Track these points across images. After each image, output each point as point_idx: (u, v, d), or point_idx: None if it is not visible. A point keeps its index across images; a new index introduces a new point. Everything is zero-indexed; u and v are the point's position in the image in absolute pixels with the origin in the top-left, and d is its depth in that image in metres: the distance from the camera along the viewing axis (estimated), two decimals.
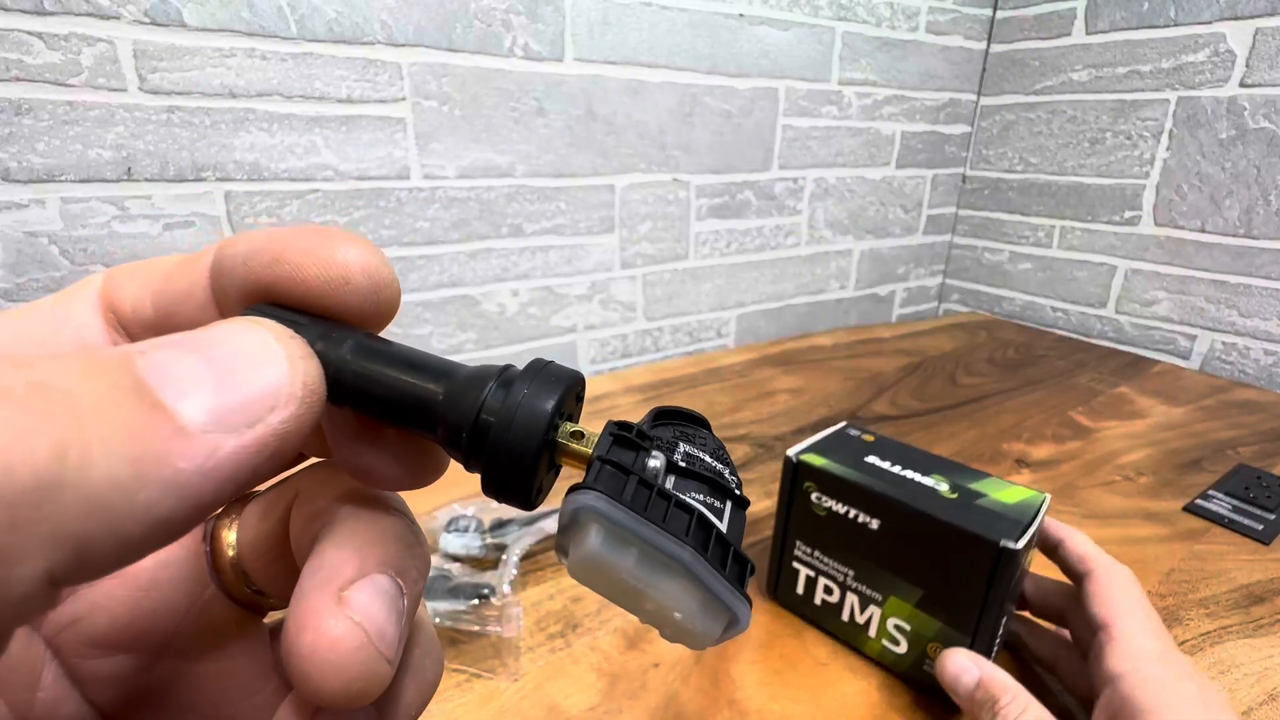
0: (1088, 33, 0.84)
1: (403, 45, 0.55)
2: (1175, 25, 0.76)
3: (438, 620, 0.33)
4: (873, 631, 0.32)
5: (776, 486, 0.39)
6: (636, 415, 0.61)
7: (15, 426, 0.06)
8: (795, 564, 0.35)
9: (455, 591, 0.34)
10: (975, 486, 0.30)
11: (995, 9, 0.94)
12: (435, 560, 0.37)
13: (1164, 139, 0.79)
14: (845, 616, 0.33)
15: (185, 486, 0.07)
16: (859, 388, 0.69)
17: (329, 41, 0.52)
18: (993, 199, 0.99)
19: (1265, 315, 0.74)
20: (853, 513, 0.31)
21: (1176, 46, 0.76)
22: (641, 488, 0.09)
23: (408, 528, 0.12)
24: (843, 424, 0.37)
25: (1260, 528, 0.44)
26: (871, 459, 0.33)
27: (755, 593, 0.38)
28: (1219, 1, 0.72)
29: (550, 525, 0.40)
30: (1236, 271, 0.76)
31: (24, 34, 0.43)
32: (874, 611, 0.32)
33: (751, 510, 0.45)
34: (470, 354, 0.67)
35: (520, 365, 0.12)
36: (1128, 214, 0.84)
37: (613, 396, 0.66)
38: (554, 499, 0.44)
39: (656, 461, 0.10)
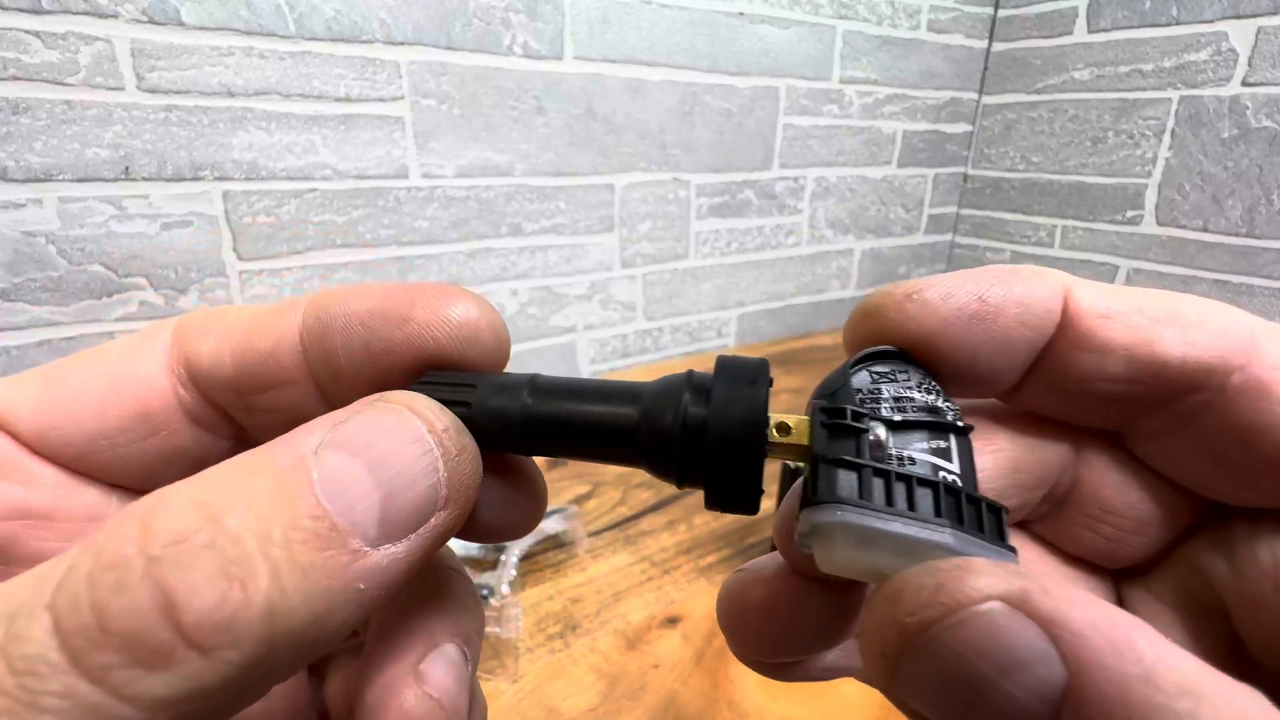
0: (1089, 31, 0.84)
1: (401, 44, 0.55)
2: (1177, 24, 0.76)
3: None
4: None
5: (775, 488, 0.39)
6: None
7: (231, 601, 0.07)
8: None
9: None
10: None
11: (997, 7, 0.94)
12: None
13: (1166, 138, 0.79)
14: None
15: (363, 598, 0.08)
16: None
17: (327, 40, 0.52)
18: (994, 198, 0.99)
19: (1268, 315, 0.74)
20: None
21: (1179, 45, 0.76)
22: (876, 478, 0.09)
23: (467, 587, 0.12)
24: None
25: None
26: None
27: None
28: (1221, 0, 0.72)
29: (550, 526, 0.40)
30: (1239, 271, 0.75)
31: (21, 32, 0.43)
32: None
33: None
34: None
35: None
36: (1130, 213, 0.84)
37: None
38: (554, 499, 0.43)
39: (881, 431, 0.09)
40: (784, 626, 0.11)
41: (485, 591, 0.34)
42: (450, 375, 0.11)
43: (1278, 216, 0.71)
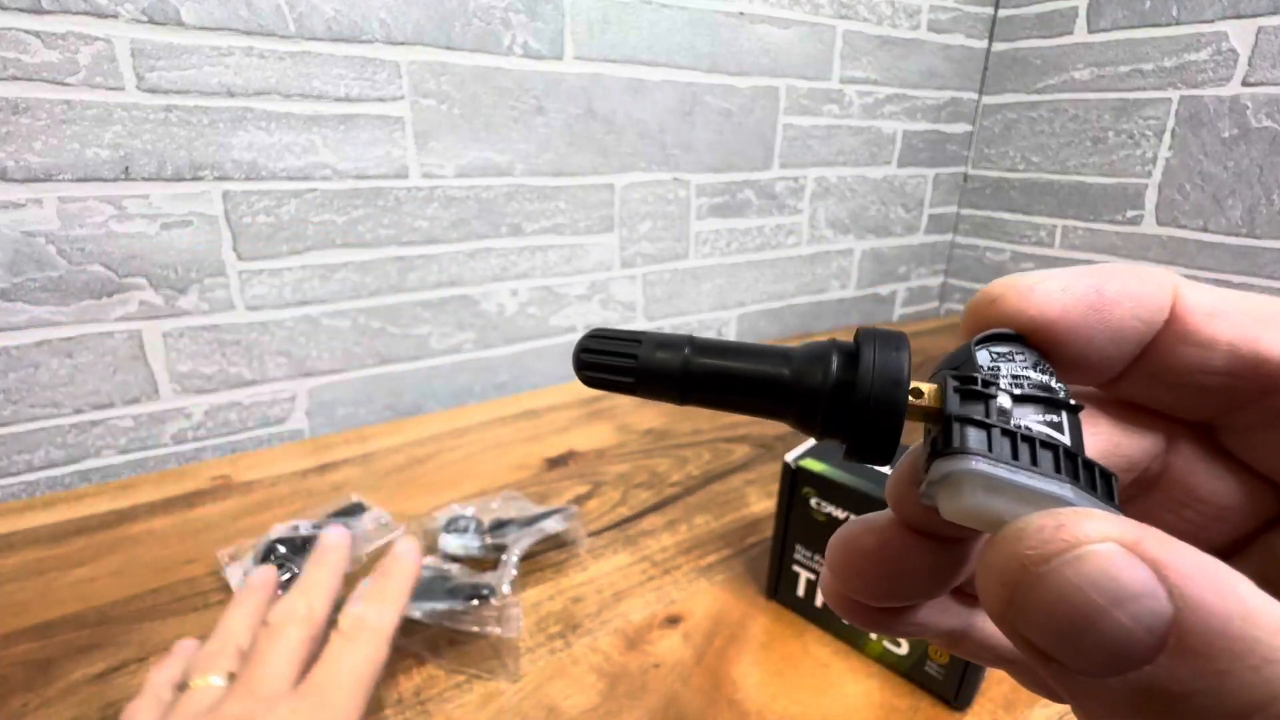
0: (1089, 31, 0.84)
1: (401, 44, 0.55)
2: (1177, 24, 0.76)
3: (435, 621, 0.33)
4: (873, 633, 0.32)
5: (776, 487, 0.39)
6: (636, 415, 0.61)
7: None
8: (795, 567, 0.35)
9: (454, 592, 0.34)
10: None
11: (997, 7, 0.94)
12: (433, 561, 0.37)
13: (1166, 138, 0.79)
14: None
15: None
16: None
17: (327, 40, 0.52)
18: (994, 198, 0.99)
19: None
20: (852, 518, 0.31)
21: (1179, 45, 0.76)
22: (1004, 437, 0.10)
23: None
24: None
25: None
26: None
27: (755, 595, 0.37)
28: (1221, 0, 0.72)
29: (550, 526, 0.40)
30: (1239, 271, 0.75)
31: (21, 32, 0.43)
32: None
33: (752, 511, 0.45)
34: (469, 354, 0.67)
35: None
36: (1130, 213, 0.84)
37: (613, 396, 0.65)
38: (554, 499, 0.43)
39: (1005, 402, 0.10)
40: (891, 573, 0.12)
41: (485, 591, 0.34)
42: (618, 331, 0.12)
43: (1278, 216, 0.71)
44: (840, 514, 0.31)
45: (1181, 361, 0.11)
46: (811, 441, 0.35)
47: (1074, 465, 0.10)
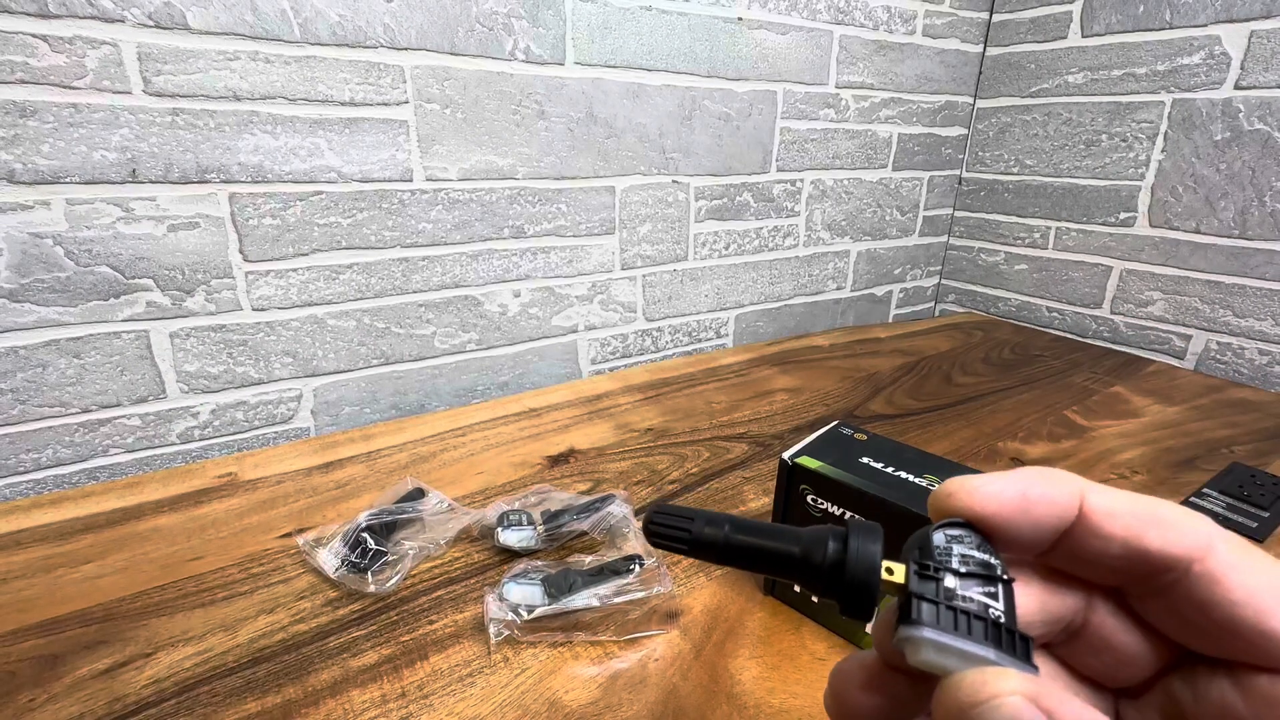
0: (1083, 36, 0.85)
1: (405, 49, 0.55)
2: (1170, 28, 0.77)
3: (605, 602, 0.35)
4: (869, 629, 0.33)
5: (773, 484, 0.40)
6: (636, 414, 0.62)
7: None
8: None
9: (606, 572, 0.36)
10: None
11: (991, 12, 0.95)
12: (490, 555, 0.40)
13: (1159, 141, 0.80)
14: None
15: None
16: (856, 387, 0.69)
17: (332, 45, 0.53)
18: (989, 200, 1.00)
19: (1259, 315, 0.75)
20: (848, 514, 0.32)
21: (1172, 49, 0.77)
22: (948, 611, 0.13)
23: None
24: (835, 423, 0.38)
25: (1254, 525, 0.45)
26: (865, 460, 0.33)
27: (753, 590, 0.38)
28: (1214, 4, 0.73)
29: (616, 511, 0.41)
30: (1231, 272, 0.76)
31: (29, 36, 0.43)
32: None
33: (751, 507, 0.46)
34: (472, 354, 0.68)
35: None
36: (1123, 215, 0.84)
37: (613, 396, 0.66)
38: (565, 491, 0.43)
39: (952, 582, 0.14)
40: (877, 697, 0.15)
41: (637, 563, 0.37)
42: (676, 508, 0.17)
43: (1269, 218, 0.72)
44: (835, 509, 0.32)
45: (1088, 548, 0.14)
46: (809, 439, 0.36)
47: (998, 633, 0.13)
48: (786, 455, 0.34)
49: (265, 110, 0.51)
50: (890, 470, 0.32)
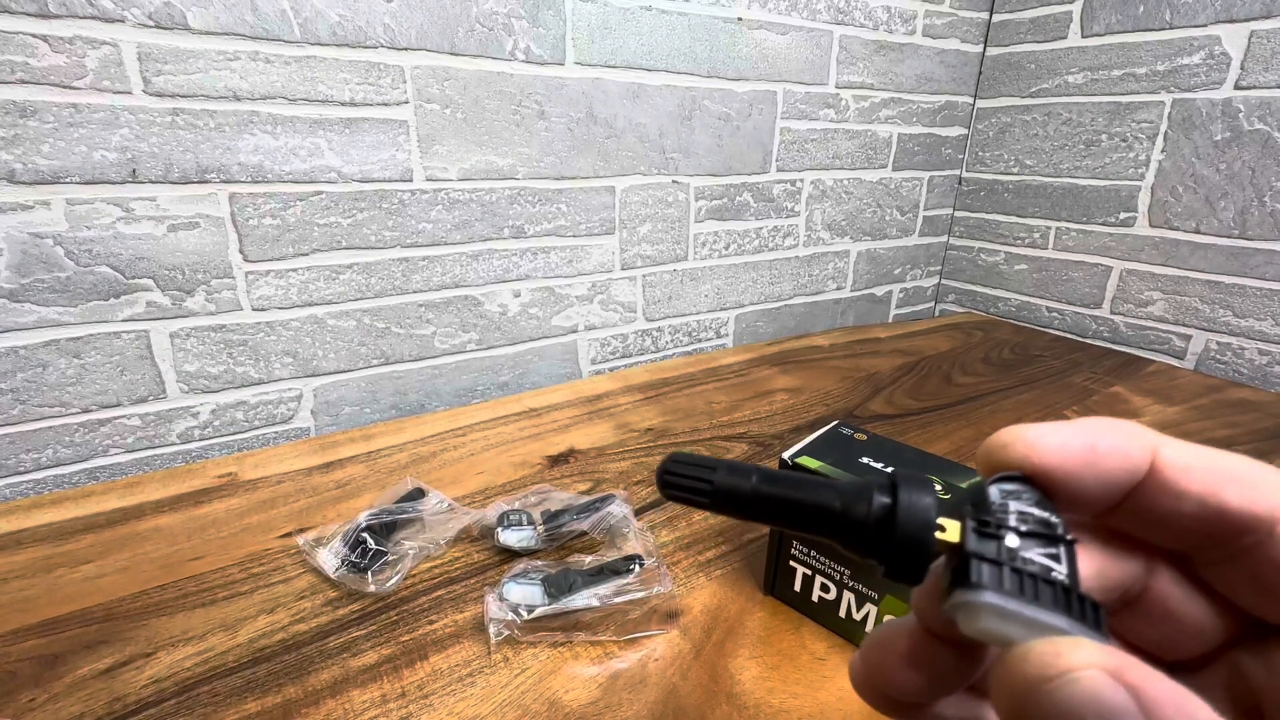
0: (1083, 36, 0.85)
1: (405, 49, 0.55)
2: (1170, 28, 0.77)
3: (605, 602, 0.35)
4: (870, 628, 0.33)
5: None
6: (636, 414, 0.62)
7: None
8: (792, 563, 0.35)
9: (606, 572, 0.36)
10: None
11: (991, 12, 0.95)
12: (490, 554, 0.40)
13: (1159, 141, 0.80)
14: (842, 613, 0.34)
15: None
16: (856, 387, 0.69)
17: (332, 45, 0.53)
18: (989, 201, 1.00)
19: (1260, 315, 0.75)
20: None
21: (1172, 49, 0.77)
22: (1012, 574, 0.12)
23: None
24: (835, 423, 0.38)
25: None
26: (865, 460, 0.33)
27: (753, 590, 0.38)
28: (1214, 4, 0.73)
29: (616, 510, 0.41)
30: (1231, 272, 0.76)
31: (29, 36, 0.43)
32: (870, 609, 0.32)
33: None
34: (472, 354, 0.68)
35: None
36: (1123, 215, 0.84)
37: (613, 395, 0.66)
38: (547, 486, 0.43)
39: (1014, 541, 0.12)
40: (917, 671, 0.14)
41: (636, 562, 0.36)
42: (695, 457, 0.15)
43: (1269, 218, 0.72)
44: None
45: (1159, 506, 0.13)
46: (808, 438, 0.36)
47: (1069, 599, 0.11)
48: (786, 455, 0.34)
49: (265, 110, 0.51)
50: (890, 471, 0.32)
